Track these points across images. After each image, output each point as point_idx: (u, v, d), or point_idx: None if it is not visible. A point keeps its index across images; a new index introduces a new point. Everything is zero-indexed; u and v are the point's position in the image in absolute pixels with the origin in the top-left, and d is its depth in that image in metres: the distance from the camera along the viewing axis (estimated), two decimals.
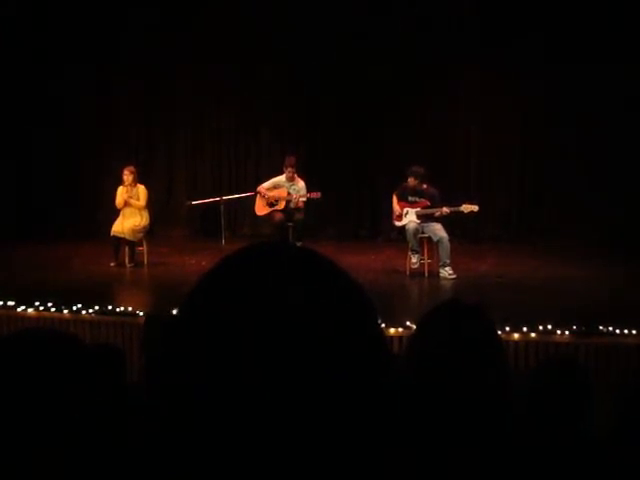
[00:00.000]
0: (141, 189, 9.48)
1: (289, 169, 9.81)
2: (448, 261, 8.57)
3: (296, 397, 0.69)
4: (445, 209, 8.63)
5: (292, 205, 9.78)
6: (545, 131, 11.25)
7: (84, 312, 6.85)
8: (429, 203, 8.73)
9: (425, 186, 8.80)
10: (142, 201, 9.44)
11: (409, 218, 8.76)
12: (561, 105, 11.05)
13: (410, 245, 8.74)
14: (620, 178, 10.71)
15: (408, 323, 6.21)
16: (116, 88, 12.32)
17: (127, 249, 9.30)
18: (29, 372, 1.82)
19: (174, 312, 4.77)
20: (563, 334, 6.08)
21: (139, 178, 9.66)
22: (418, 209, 8.75)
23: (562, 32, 10.72)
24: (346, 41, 11.23)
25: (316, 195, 9.68)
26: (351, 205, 12.18)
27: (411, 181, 8.75)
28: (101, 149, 12.50)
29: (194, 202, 11.10)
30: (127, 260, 9.30)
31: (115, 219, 9.42)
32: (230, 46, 11.68)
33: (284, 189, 9.88)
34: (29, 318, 6.81)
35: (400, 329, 6.16)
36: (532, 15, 10.76)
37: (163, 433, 0.74)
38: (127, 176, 9.40)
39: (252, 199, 10.27)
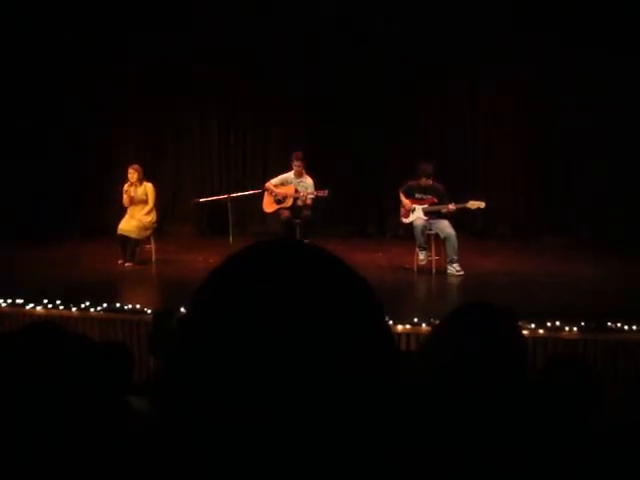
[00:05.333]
0: (149, 187, 9.49)
1: (296, 162, 9.76)
2: (456, 258, 8.56)
3: (302, 394, 0.69)
4: (452, 206, 8.63)
5: (300, 202, 9.76)
6: (552, 129, 11.23)
7: (92, 310, 6.87)
8: (436, 200, 8.72)
9: (431, 183, 8.79)
10: (150, 199, 9.44)
11: (416, 215, 8.76)
12: (568, 104, 11.02)
13: (417, 242, 8.73)
14: (626, 177, 10.69)
15: (416, 320, 6.21)
16: (123, 87, 12.34)
17: (129, 247, 9.28)
18: (33, 367, 1.82)
19: (181, 309, 4.78)
20: (571, 331, 6.06)
21: (146, 176, 9.68)
22: (425, 206, 8.75)
23: (566, 30, 10.70)
24: (349, 41, 11.24)
25: (323, 193, 9.65)
26: (358, 202, 12.17)
27: (423, 181, 8.72)
28: (108, 147, 12.53)
29: (201, 200, 11.10)
30: (127, 257, 9.27)
31: (122, 217, 9.44)
32: (235, 46, 11.69)
33: (292, 186, 9.86)
34: (37, 316, 6.82)
35: (408, 326, 6.16)
36: (536, 11, 10.73)
37: (166, 430, 0.74)
38: (131, 174, 9.42)
39: (260, 196, 10.27)
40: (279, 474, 0.70)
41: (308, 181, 9.80)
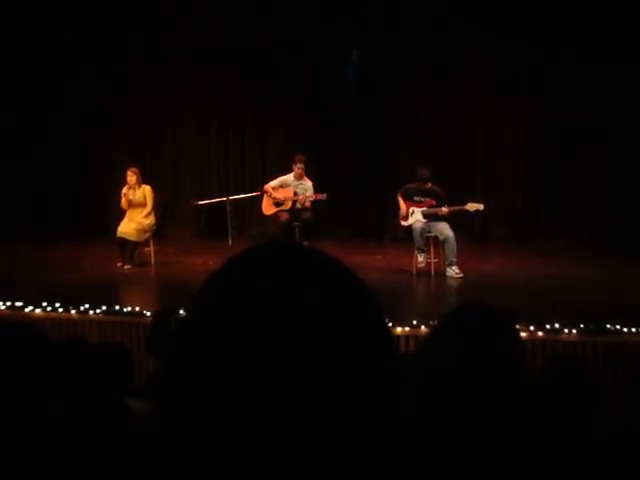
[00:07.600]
0: (147, 190, 9.47)
1: (298, 165, 9.75)
2: (454, 260, 8.56)
3: (301, 395, 0.69)
4: (445, 208, 8.62)
5: (298, 205, 9.75)
6: (550, 131, 11.24)
7: (91, 312, 6.85)
8: (434, 202, 8.72)
9: (429, 185, 8.79)
10: (148, 202, 9.41)
11: (415, 217, 8.76)
12: (567, 104, 11.03)
13: (416, 244, 8.72)
14: (625, 177, 10.70)
15: (415, 322, 6.21)
16: (122, 88, 12.34)
17: (128, 250, 9.25)
18: (24, 368, 1.82)
19: (181, 312, 4.78)
20: (570, 333, 6.06)
21: (145, 178, 9.67)
22: (424, 208, 8.75)
23: (565, 31, 10.71)
24: (349, 41, 11.24)
25: (322, 197, 9.65)
26: (357, 205, 12.16)
27: (422, 184, 8.72)
28: (108, 149, 12.53)
29: (200, 202, 11.10)
30: (126, 259, 9.23)
31: (121, 219, 9.42)
32: (235, 46, 11.69)
33: (291, 188, 9.85)
34: (36, 319, 6.80)
35: (407, 328, 6.15)
36: (535, 14, 10.75)
37: (167, 432, 0.74)
38: (130, 177, 9.40)
39: (259, 199, 10.26)
40: (278, 474, 0.70)
41: (307, 183, 9.80)
